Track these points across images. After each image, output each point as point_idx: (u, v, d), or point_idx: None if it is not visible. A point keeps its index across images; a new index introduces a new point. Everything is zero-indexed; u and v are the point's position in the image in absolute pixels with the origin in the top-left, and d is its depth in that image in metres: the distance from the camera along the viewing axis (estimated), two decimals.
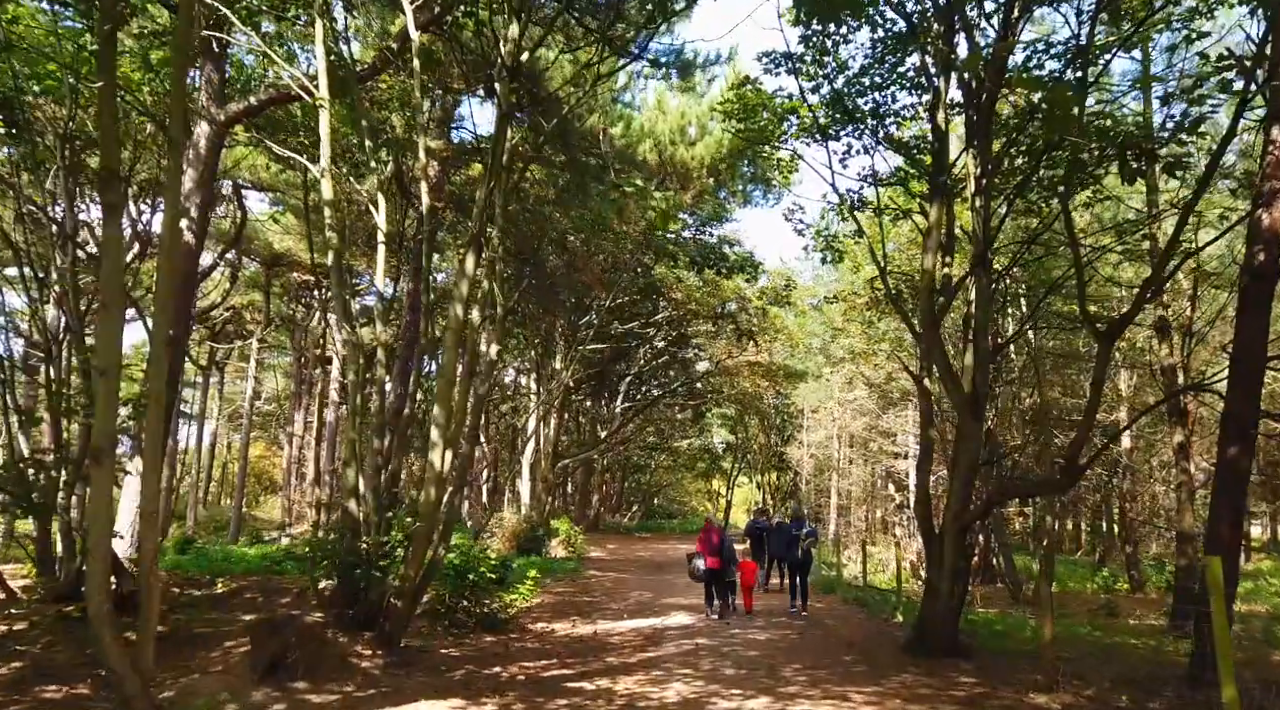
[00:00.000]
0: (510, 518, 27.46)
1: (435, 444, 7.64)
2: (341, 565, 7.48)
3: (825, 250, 14.32)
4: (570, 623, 12.85)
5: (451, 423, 7.86)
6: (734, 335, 24.55)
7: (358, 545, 7.62)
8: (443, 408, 7.64)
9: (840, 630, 12.49)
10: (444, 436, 7.66)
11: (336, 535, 8.02)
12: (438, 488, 7.60)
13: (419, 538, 7.54)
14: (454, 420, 7.98)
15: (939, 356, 9.18)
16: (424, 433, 8.33)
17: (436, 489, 7.60)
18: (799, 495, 48.73)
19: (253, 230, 30.22)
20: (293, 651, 6.60)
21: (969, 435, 9.12)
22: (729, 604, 13.63)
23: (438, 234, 20.39)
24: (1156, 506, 24.89)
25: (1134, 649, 11.40)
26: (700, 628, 12.39)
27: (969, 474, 9.22)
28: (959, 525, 9.22)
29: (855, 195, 13.65)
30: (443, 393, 7.66)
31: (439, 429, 7.64)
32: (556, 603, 15.75)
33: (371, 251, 23.00)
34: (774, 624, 12.92)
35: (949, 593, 9.29)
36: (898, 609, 13.31)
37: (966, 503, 9.27)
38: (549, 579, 21.00)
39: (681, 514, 63.59)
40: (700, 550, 13.35)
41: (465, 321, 7.91)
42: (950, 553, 9.27)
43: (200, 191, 12.68)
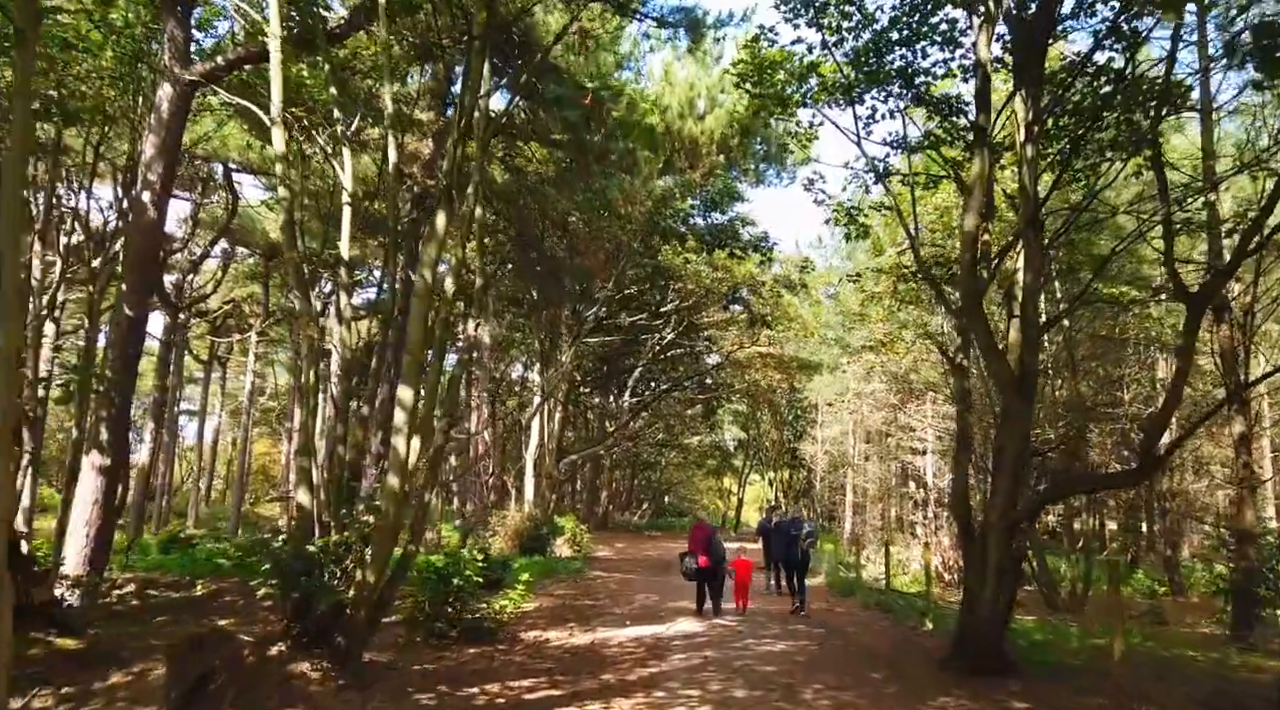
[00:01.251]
0: (513, 515, 26.43)
1: (399, 430, 6.55)
2: (284, 571, 6.41)
3: (848, 224, 13.13)
4: (567, 630, 11.73)
5: (420, 405, 6.78)
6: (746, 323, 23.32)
7: (305, 547, 6.54)
8: (409, 387, 6.55)
9: (864, 639, 11.32)
10: (410, 421, 6.57)
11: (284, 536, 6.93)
12: (402, 480, 6.51)
13: (380, 538, 6.46)
14: (425, 403, 6.90)
15: (981, 330, 8.00)
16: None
17: (401, 481, 6.51)
18: (813, 493, 47.52)
19: (249, 220, 29.26)
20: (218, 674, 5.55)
21: (1016, 420, 7.95)
22: (719, 604, 13.25)
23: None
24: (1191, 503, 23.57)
25: (1195, 663, 10.19)
26: (709, 637, 11.25)
27: (1017, 465, 8.04)
28: (1005, 524, 8.05)
29: (882, 163, 12.48)
30: (409, 371, 6.57)
31: (404, 412, 6.55)
32: (555, 607, 14.65)
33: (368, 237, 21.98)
34: (789, 632, 11.76)
35: (992, 601, 8.12)
36: (927, 616, 12.13)
37: (1014, 498, 8.10)
38: (550, 580, 19.92)
39: (692, 512, 62.51)
40: (692, 549, 13.12)
41: (433, 289, 6.81)
42: (994, 556, 8.10)
43: (163, 159, 11.61)
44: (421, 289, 6.72)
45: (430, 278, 6.70)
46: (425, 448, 6.83)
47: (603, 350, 33.25)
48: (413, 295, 6.77)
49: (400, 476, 6.50)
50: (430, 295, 6.77)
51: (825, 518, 45.61)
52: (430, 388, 6.89)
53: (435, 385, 6.92)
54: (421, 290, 6.71)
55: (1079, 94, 10.15)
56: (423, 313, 6.69)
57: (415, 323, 6.67)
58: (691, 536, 13.45)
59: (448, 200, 6.71)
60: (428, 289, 6.72)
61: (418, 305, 6.70)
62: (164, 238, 12.92)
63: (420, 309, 6.69)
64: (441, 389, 7.14)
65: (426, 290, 6.71)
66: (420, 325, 6.65)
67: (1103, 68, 9.82)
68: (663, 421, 45.87)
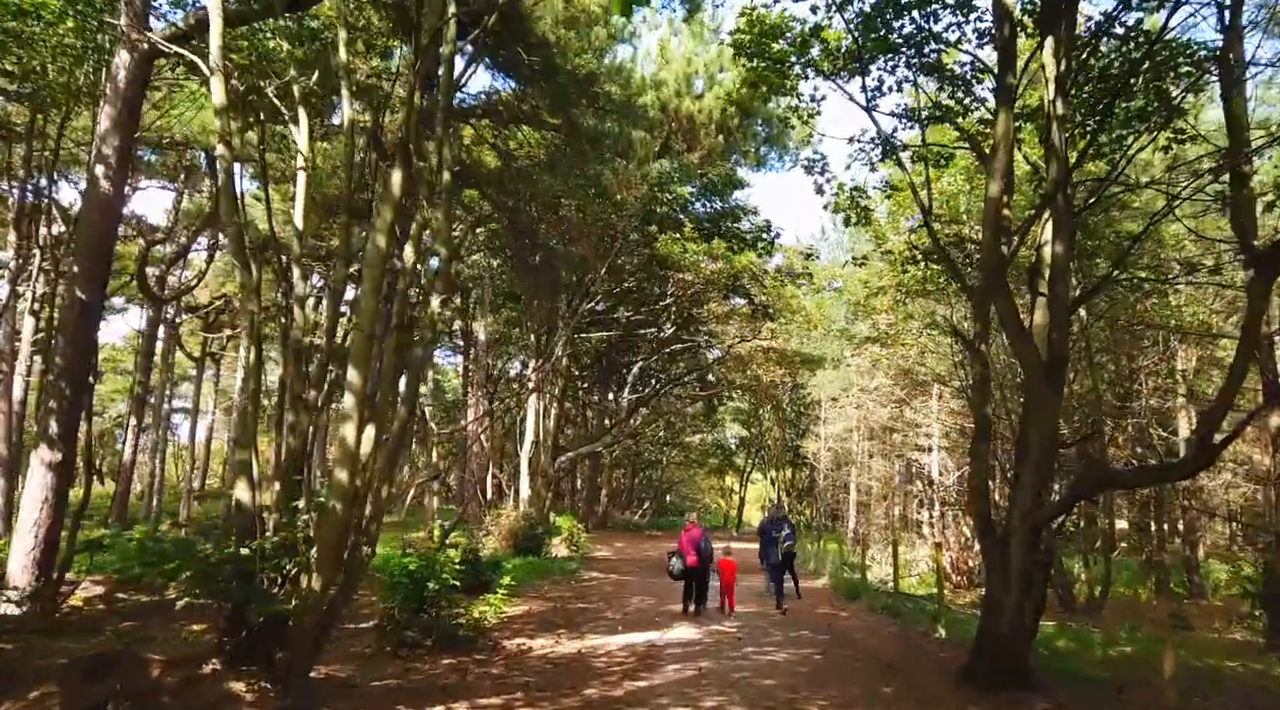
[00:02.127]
0: (508, 514, 25.67)
1: (349, 416, 5.77)
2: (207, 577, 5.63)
3: (849, 207, 12.33)
4: (554, 637, 10.96)
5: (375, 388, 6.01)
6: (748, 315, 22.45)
7: (236, 550, 5.77)
8: (359, 370, 5.78)
9: (871, 647, 10.53)
10: (360, 407, 5.80)
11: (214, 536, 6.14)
12: (351, 473, 5.74)
13: (326, 539, 5.69)
14: (381, 388, 6.13)
15: (1005, 308, 7.21)
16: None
17: (350, 475, 5.74)
18: (816, 492, 46.70)
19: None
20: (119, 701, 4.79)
21: (1043, 408, 7.15)
22: (704, 604, 13.26)
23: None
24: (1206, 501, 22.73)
25: (1234, 674, 9.40)
26: (705, 645, 10.46)
27: (1043, 458, 7.25)
28: (1030, 524, 7.25)
29: (890, 137, 11.68)
30: (358, 349, 5.79)
31: (354, 397, 5.78)
32: (545, 611, 13.88)
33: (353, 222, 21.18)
34: (791, 639, 10.98)
35: (1016, 608, 7.32)
36: (939, 621, 11.34)
37: (1039, 495, 7.31)
38: (544, 582, 19.16)
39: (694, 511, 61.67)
40: (681, 548, 13.09)
41: (387, 256, 6.03)
42: (1018, 558, 7.31)
43: (119, 133, 10.83)
44: (374, 256, 5.94)
45: (384, 244, 5.93)
46: (380, 438, 6.06)
47: (601, 346, 32.48)
48: (364, 263, 6.00)
49: (349, 470, 5.73)
50: (384, 263, 5.99)
51: (828, 517, 44.83)
52: (387, 369, 6.12)
53: (392, 366, 6.14)
54: (374, 258, 5.93)
55: (1106, 58, 9.36)
56: (375, 283, 5.91)
57: (367, 294, 5.89)
58: (683, 536, 13.44)
59: (404, 156, 5.93)
60: (380, 256, 5.94)
61: (369, 275, 5.92)
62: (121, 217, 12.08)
63: (372, 279, 5.91)
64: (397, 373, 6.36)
65: (379, 258, 5.93)
66: (372, 297, 5.88)
67: (1132, 30, 9.04)
68: (663, 419, 45.08)
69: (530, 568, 20.76)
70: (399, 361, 6.11)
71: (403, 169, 5.96)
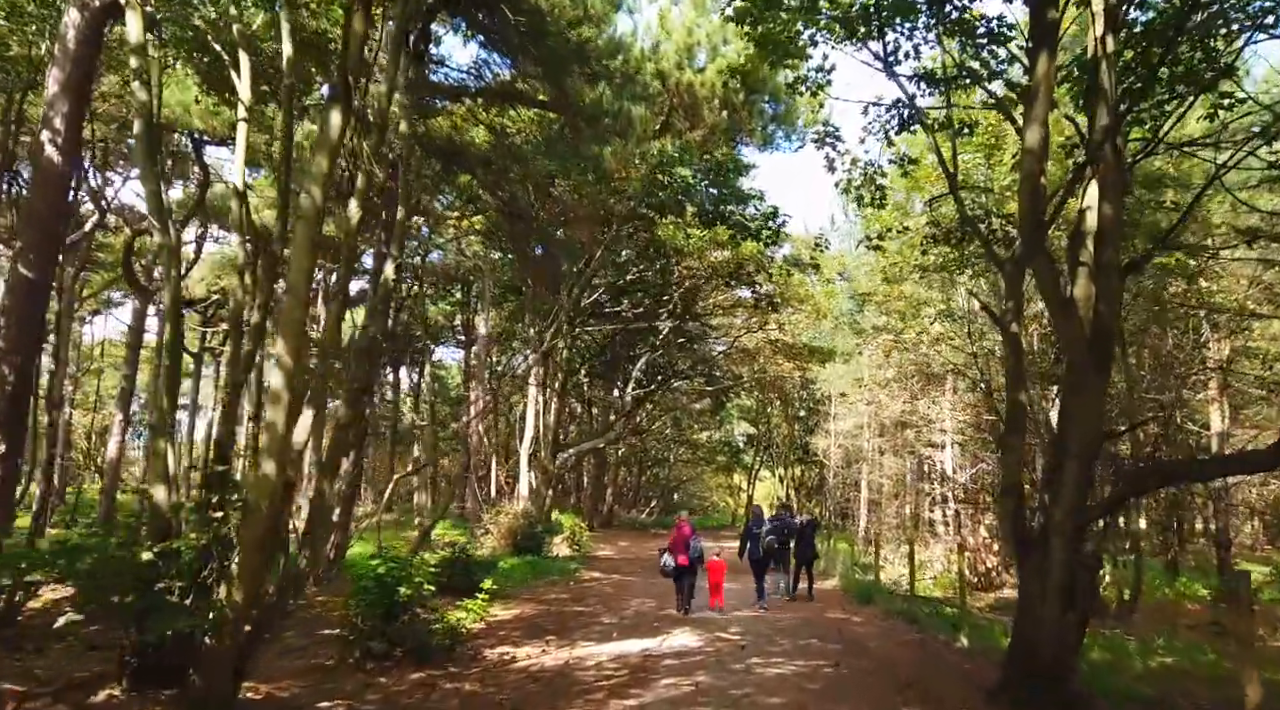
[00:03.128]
0: (507, 512, 24.86)
1: (279, 397, 4.91)
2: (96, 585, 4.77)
3: (863, 186, 11.38)
4: (541, 645, 10.09)
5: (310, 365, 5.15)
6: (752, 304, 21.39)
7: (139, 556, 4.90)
8: (289, 343, 4.90)
9: (887, 656, 9.61)
10: (291, 386, 4.93)
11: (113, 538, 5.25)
12: (279, 465, 4.88)
13: (249, 543, 4.82)
14: (322, 366, 5.27)
15: (1047, 276, 6.28)
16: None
17: (278, 467, 4.88)
18: (825, 489, 45.70)
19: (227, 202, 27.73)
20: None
21: (1089, 392, 6.22)
22: (691, 602, 13.14)
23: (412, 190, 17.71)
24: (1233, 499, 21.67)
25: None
26: (704, 654, 9.56)
27: (1088, 450, 6.31)
28: (1073, 524, 6.33)
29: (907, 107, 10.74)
30: (289, 316, 4.92)
31: (283, 374, 4.91)
32: (536, 615, 13.02)
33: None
34: (800, 648, 10.06)
35: (1056, 621, 6.39)
36: (960, 629, 10.40)
37: (1084, 491, 6.38)
38: (541, 583, 18.31)
39: (702, 510, 60.89)
40: (672, 547, 13.08)
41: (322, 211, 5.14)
42: (1059, 564, 6.38)
43: (68, 98, 9.97)
44: (309, 209, 5.06)
45: (320, 196, 5.06)
46: (319, 423, 5.19)
47: (604, 340, 31.62)
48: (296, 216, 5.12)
49: (278, 461, 4.87)
50: (319, 217, 5.11)
51: (838, 515, 43.83)
52: (328, 340, 5.25)
53: (334, 336, 5.27)
54: (308, 211, 5.06)
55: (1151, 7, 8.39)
56: (309, 239, 5.03)
57: (299, 252, 5.01)
58: (674, 535, 13.41)
59: (345, 95, 5.06)
60: (316, 210, 5.06)
61: (303, 230, 5.04)
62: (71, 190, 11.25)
63: (306, 235, 5.03)
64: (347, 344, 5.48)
65: (315, 212, 5.06)
66: (306, 255, 4.99)
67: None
68: (670, 416, 44.20)
69: (528, 568, 19.93)
70: (338, 329, 5.23)
71: (342, 108, 5.08)
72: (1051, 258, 6.43)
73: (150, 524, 5.31)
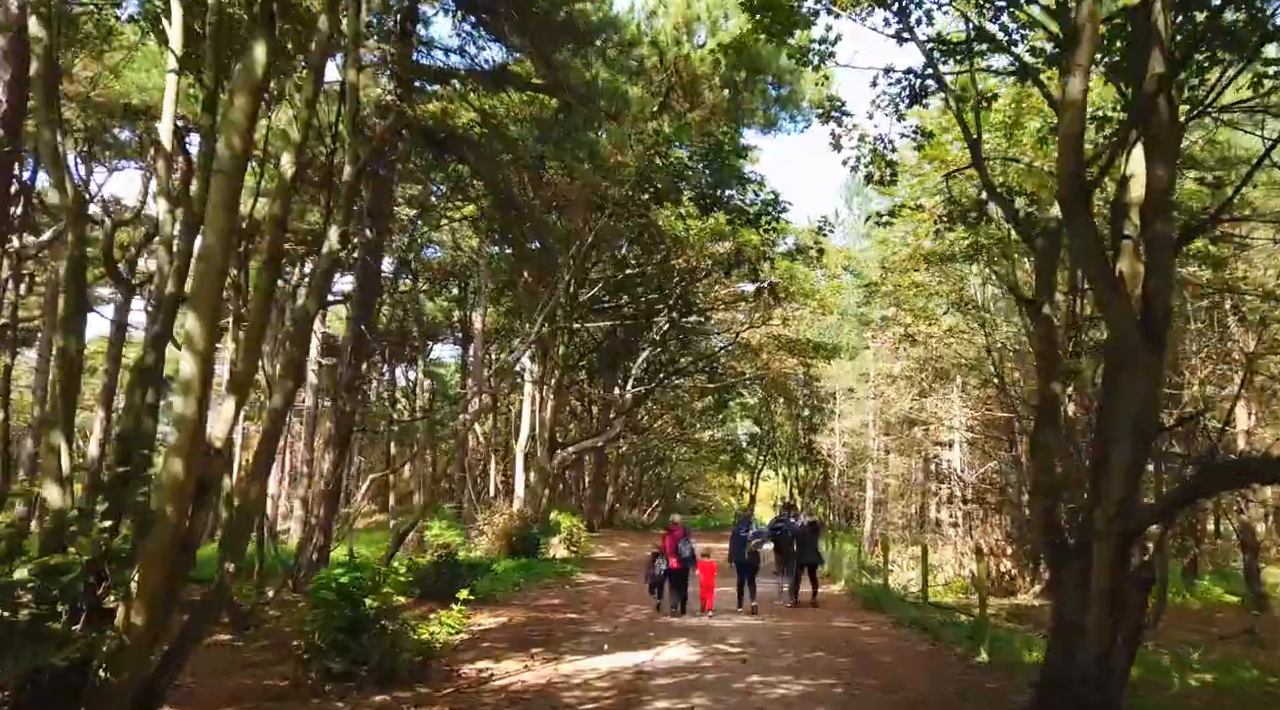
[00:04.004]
0: (503, 513, 24.10)
1: (189, 384, 4.11)
2: None
3: (874, 163, 10.57)
4: (525, 660, 9.29)
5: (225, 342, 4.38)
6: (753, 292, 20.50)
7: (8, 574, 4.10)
8: (202, 318, 4.09)
9: (902, 674, 8.79)
10: (204, 371, 4.13)
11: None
12: (189, 465, 4.08)
13: (154, 558, 4.01)
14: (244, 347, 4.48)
15: (1090, 246, 5.47)
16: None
17: (187, 467, 4.08)
18: (830, 489, 44.89)
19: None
20: None
21: (1141, 377, 5.41)
22: (684, 604, 13.31)
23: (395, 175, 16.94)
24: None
25: None
26: (702, 670, 8.76)
27: (1140, 443, 5.50)
28: (1122, 530, 5.52)
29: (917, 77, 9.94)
30: (202, 287, 4.12)
31: (194, 357, 4.11)
32: (525, 623, 12.22)
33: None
34: (806, 663, 9.24)
35: (1102, 638, 5.58)
36: (981, 642, 9.58)
37: (1134, 492, 5.57)
38: (534, 587, 17.52)
39: (705, 510, 60.11)
40: (664, 550, 13.29)
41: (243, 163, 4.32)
42: (1106, 573, 5.57)
43: (10, 66, 9.26)
44: (228, 161, 4.24)
45: (240, 144, 4.26)
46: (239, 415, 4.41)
47: (603, 337, 30.84)
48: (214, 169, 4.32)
49: (186, 459, 4.08)
50: (241, 170, 4.31)
51: (843, 516, 43.02)
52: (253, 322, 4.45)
53: (260, 317, 4.46)
54: (228, 163, 4.24)
55: None
56: (228, 196, 4.23)
57: (215, 211, 4.20)
58: (666, 538, 13.57)
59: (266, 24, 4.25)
60: (238, 162, 4.25)
61: (220, 184, 4.23)
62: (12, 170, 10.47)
63: (225, 190, 4.22)
64: (264, 323, 4.66)
65: (236, 163, 4.24)
66: (224, 215, 4.18)
67: None
68: (671, 415, 43.41)
69: (521, 571, 19.16)
70: (267, 305, 4.44)
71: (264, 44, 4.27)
72: (1094, 227, 5.61)
73: (46, 533, 4.53)
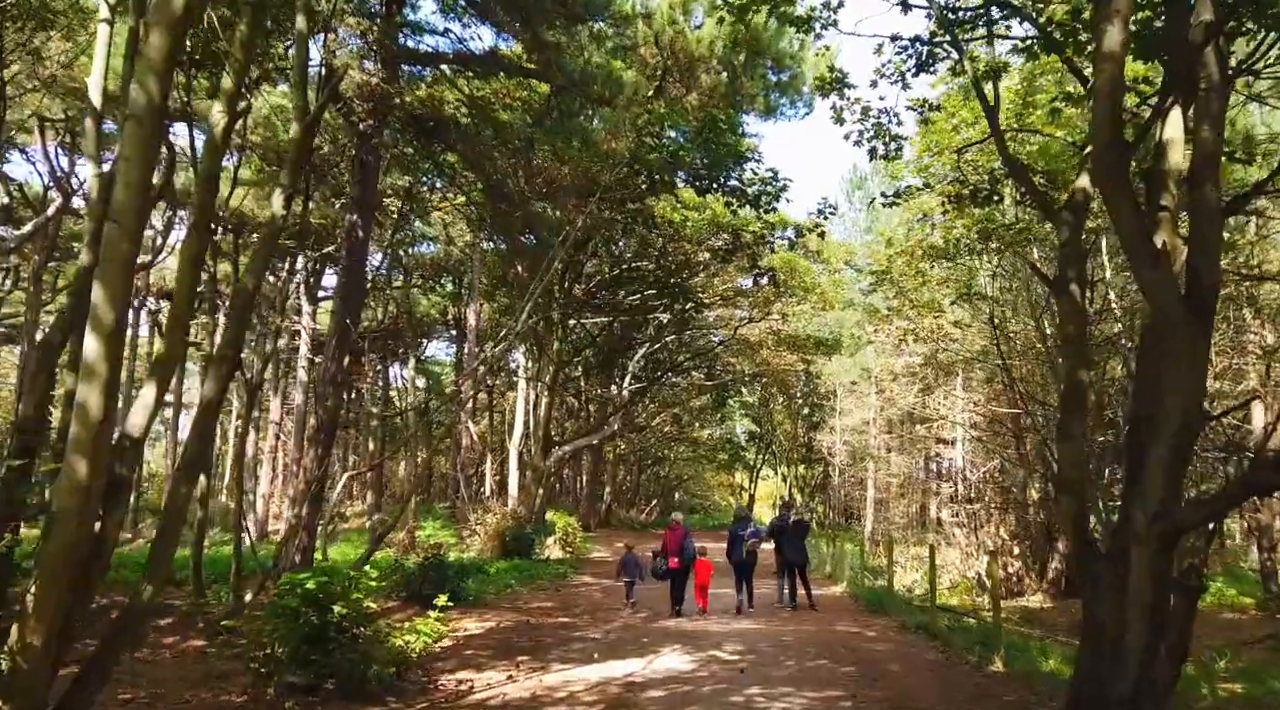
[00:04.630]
0: (495, 512, 23.54)
1: (93, 366, 3.51)
2: None
3: (877, 137, 10.00)
4: (509, 669, 8.70)
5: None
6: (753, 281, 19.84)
7: None
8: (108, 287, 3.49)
9: (912, 684, 8.21)
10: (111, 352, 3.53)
11: None
12: (94, 462, 3.49)
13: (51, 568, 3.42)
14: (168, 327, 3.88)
15: (1128, 215, 4.89)
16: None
17: (92, 464, 3.48)
18: (829, 488, 44.35)
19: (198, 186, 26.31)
20: None
21: (1186, 360, 4.83)
22: (681, 605, 13.16)
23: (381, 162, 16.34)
24: None
25: None
26: (698, 681, 8.17)
27: (1185, 433, 4.92)
28: (1166, 528, 4.93)
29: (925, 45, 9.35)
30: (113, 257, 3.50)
31: (98, 337, 3.50)
32: (512, 628, 11.64)
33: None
34: (809, 672, 8.65)
35: (1143, 653, 4.99)
36: (995, 650, 8.99)
37: (1179, 485, 4.99)
38: (526, 589, 16.95)
39: (703, 509, 59.60)
40: (665, 549, 13.20)
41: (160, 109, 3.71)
42: (1146, 581, 4.99)
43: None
44: (142, 106, 3.64)
45: (156, 88, 3.65)
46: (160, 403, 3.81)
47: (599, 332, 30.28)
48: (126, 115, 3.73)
49: (89, 456, 3.48)
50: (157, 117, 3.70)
51: (842, 515, 42.47)
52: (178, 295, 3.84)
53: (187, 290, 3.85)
54: (142, 108, 3.64)
55: None
56: (143, 147, 3.63)
57: (127, 164, 3.61)
58: (666, 536, 13.48)
59: None
60: (153, 107, 3.66)
61: (133, 132, 3.62)
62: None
63: (138, 139, 3.61)
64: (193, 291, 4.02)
65: (151, 109, 3.65)
66: (137, 169, 3.59)
67: None
68: (669, 413, 42.89)
69: (513, 572, 18.59)
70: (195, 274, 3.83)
71: None
72: (1132, 194, 5.03)
73: None
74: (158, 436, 43.09)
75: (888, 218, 28.73)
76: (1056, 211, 6.40)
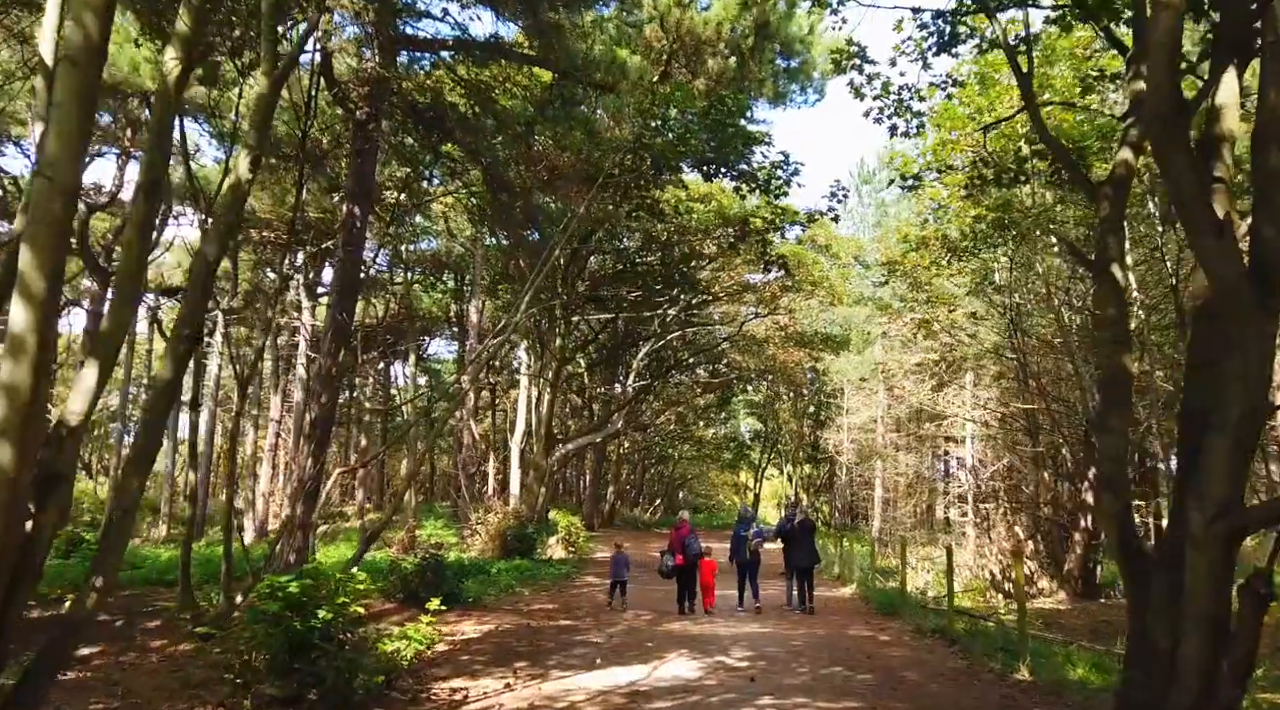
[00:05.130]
0: (498, 512, 23.11)
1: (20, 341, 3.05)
2: None
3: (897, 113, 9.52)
4: (506, 677, 8.23)
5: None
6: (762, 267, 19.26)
7: None
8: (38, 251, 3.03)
9: (934, 695, 7.72)
10: (43, 321, 3.09)
11: None
12: (22, 451, 3.03)
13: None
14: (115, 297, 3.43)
15: (1188, 182, 4.41)
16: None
17: (20, 453, 3.03)
18: (835, 487, 43.84)
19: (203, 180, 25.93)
20: None
21: (1253, 344, 4.35)
22: (691, 602, 13.27)
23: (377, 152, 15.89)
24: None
25: None
26: (705, 691, 7.69)
27: (1249, 423, 4.43)
28: (1227, 532, 4.45)
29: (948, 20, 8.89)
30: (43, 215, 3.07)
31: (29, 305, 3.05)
32: (511, 631, 11.18)
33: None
34: (823, 680, 8.17)
35: (1203, 670, 4.51)
36: (1021, 658, 8.50)
37: (1241, 484, 4.51)
38: (527, 590, 16.52)
39: (708, 508, 59.14)
40: (671, 547, 13.33)
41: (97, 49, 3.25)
42: (1205, 588, 4.50)
43: None
44: (78, 45, 3.19)
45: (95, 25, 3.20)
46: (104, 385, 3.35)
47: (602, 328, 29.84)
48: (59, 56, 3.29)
49: (16, 442, 3.03)
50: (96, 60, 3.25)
51: (849, 515, 41.97)
52: (125, 263, 3.38)
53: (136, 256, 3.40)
54: (78, 48, 3.19)
55: None
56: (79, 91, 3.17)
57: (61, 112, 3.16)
58: (673, 535, 13.58)
59: None
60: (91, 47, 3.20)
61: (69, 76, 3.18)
62: None
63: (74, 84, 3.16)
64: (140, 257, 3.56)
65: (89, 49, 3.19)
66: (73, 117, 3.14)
67: None
68: (674, 411, 42.43)
69: (514, 573, 18.15)
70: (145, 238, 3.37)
71: None
72: (1193, 157, 4.56)
73: None
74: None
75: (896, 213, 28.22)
76: (1097, 186, 5.92)
